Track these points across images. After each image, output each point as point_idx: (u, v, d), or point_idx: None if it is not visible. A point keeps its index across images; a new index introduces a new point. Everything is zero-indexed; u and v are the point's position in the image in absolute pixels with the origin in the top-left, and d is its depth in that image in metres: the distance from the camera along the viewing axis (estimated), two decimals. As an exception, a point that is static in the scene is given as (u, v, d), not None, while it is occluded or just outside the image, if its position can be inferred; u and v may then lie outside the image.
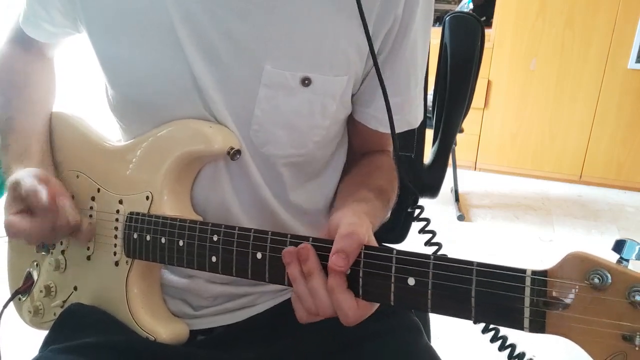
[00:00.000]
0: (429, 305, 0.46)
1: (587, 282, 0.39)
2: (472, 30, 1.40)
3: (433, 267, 0.45)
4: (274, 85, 0.60)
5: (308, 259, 0.50)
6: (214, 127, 0.62)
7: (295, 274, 0.51)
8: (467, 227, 2.58)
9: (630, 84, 2.82)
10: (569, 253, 0.40)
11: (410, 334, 0.67)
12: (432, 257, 0.46)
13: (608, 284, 0.38)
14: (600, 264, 0.39)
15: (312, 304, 0.50)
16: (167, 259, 0.62)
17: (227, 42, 0.59)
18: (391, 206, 0.67)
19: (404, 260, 0.47)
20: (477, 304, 0.43)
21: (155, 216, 0.63)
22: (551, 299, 0.40)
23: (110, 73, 0.66)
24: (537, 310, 0.41)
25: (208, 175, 0.65)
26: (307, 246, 0.50)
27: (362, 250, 0.49)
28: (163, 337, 0.65)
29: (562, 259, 0.41)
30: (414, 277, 0.46)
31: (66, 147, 0.76)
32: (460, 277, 0.44)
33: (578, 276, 0.40)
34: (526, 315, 0.41)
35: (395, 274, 0.47)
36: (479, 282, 0.43)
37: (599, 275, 0.39)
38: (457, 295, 0.44)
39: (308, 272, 0.50)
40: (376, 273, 0.48)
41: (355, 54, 0.62)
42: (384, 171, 0.70)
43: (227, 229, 0.57)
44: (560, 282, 0.40)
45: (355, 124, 0.71)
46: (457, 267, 0.44)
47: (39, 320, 0.76)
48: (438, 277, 0.45)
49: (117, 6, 0.61)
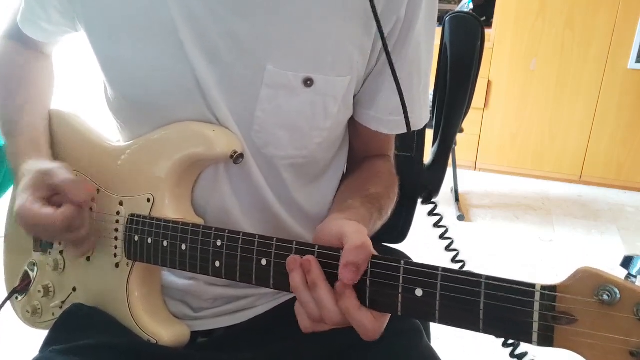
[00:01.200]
0: (436, 317, 0.46)
1: (596, 298, 0.39)
2: (472, 30, 1.40)
3: (441, 279, 0.45)
4: (276, 86, 0.60)
5: (310, 271, 0.50)
6: (217, 130, 0.61)
7: (297, 283, 0.50)
8: (467, 227, 2.58)
9: (630, 84, 2.82)
10: (579, 268, 0.41)
11: (411, 335, 0.67)
12: (440, 268, 0.46)
13: (617, 300, 0.39)
14: (610, 280, 0.39)
15: (318, 313, 0.50)
16: (169, 263, 0.62)
17: (229, 42, 0.59)
18: (385, 214, 0.67)
19: (412, 271, 0.47)
20: (485, 317, 0.43)
21: (157, 219, 0.62)
22: (560, 314, 0.41)
23: (110, 72, 0.66)
24: (545, 324, 0.41)
25: (208, 177, 0.65)
26: (310, 259, 0.50)
27: (370, 260, 0.49)
28: (165, 339, 0.65)
29: (571, 274, 0.41)
30: (421, 288, 0.46)
31: (65, 145, 0.75)
32: (469, 289, 0.44)
33: (587, 292, 0.40)
34: (535, 329, 0.42)
35: (403, 285, 0.47)
36: (487, 295, 0.43)
37: (608, 292, 0.39)
38: (465, 307, 0.44)
39: (312, 283, 0.50)
40: (384, 283, 0.48)
41: (358, 55, 0.62)
42: (382, 178, 0.70)
43: (230, 234, 0.57)
44: (569, 298, 0.40)
45: (357, 126, 0.71)
46: (465, 279, 0.44)
47: (36, 319, 0.76)
48: (446, 289, 0.45)
49: (118, 6, 0.61)
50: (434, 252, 1.39)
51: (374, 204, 0.64)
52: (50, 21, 0.70)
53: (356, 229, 0.51)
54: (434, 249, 1.19)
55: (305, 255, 0.51)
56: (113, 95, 0.67)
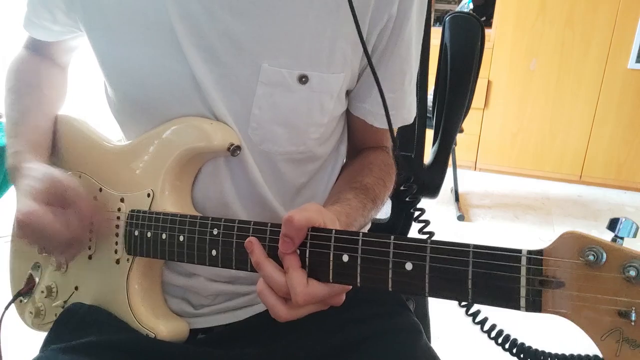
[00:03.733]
0: (426, 290, 0.46)
1: (582, 260, 0.39)
2: (472, 30, 1.40)
3: (430, 251, 0.45)
4: (272, 83, 0.61)
5: (253, 252, 0.52)
6: (214, 124, 0.62)
7: (254, 263, 0.52)
8: (467, 227, 2.59)
9: (630, 84, 2.82)
10: (564, 232, 0.41)
11: (410, 335, 0.67)
12: (429, 241, 0.46)
13: (603, 261, 0.39)
14: (595, 241, 0.39)
15: (274, 288, 0.51)
16: (167, 255, 0.62)
17: (225, 41, 0.60)
18: (381, 202, 0.68)
19: (401, 246, 0.47)
20: (474, 286, 0.43)
21: (156, 213, 0.63)
22: (547, 278, 0.41)
23: (109, 72, 0.66)
24: (533, 289, 0.41)
25: (208, 172, 0.66)
26: (252, 239, 0.53)
27: (360, 237, 0.49)
28: (163, 334, 0.65)
29: (557, 238, 0.41)
30: (411, 262, 0.46)
31: (69, 148, 0.76)
32: (457, 259, 0.44)
33: (573, 254, 0.40)
34: (522, 294, 0.42)
35: (393, 259, 0.47)
36: (475, 263, 0.43)
37: (593, 252, 0.39)
38: (454, 277, 0.44)
39: (255, 264, 0.52)
40: (374, 259, 0.48)
41: (352, 52, 0.63)
42: (374, 169, 0.71)
43: (227, 222, 0.57)
44: (555, 260, 0.40)
45: (353, 119, 0.72)
46: (453, 249, 0.44)
47: (40, 321, 0.76)
48: (435, 261, 0.45)
49: (116, 5, 0.62)
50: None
51: (367, 194, 0.65)
52: (55, 21, 0.71)
53: (305, 206, 0.52)
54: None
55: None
56: (112, 93, 0.68)
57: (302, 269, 0.50)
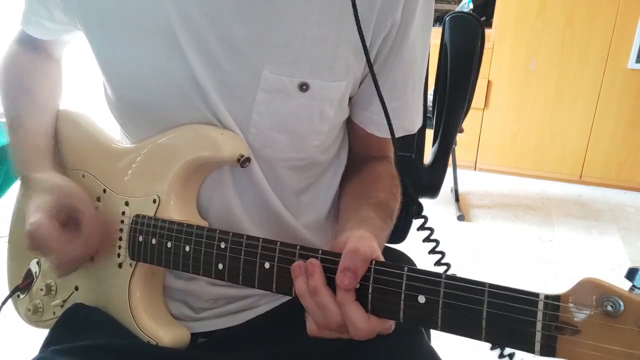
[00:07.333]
0: (438, 324, 0.45)
1: (599, 309, 0.39)
2: (472, 30, 1.41)
3: (444, 286, 0.45)
4: (272, 91, 0.60)
5: (313, 274, 0.50)
6: (225, 133, 0.61)
7: (302, 288, 0.50)
8: (467, 227, 2.58)
9: (630, 84, 2.82)
10: (583, 279, 0.40)
11: (411, 335, 0.67)
12: (443, 275, 0.45)
13: (620, 311, 0.38)
14: (614, 291, 0.39)
15: (322, 318, 0.50)
16: (172, 264, 0.62)
17: (226, 47, 0.59)
18: (395, 217, 0.67)
19: (415, 278, 0.46)
20: (487, 326, 0.43)
21: (162, 220, 0.62)
22: (563, 324, 0.41)
23: (109, 73, 0.66)
24: (548, 335, 0.41)
25: (212, 178, 0.65)
26: (314, 262, 0.50)
27: (372, 265, 0.49)
28: (165, 341, 0.65)
29: (575, 284, 0.41)
30: (424, 295, 0.46)
31: (72, 145, 0.75)
32: (472, 297, 0.44)
33: (591, 302, 0.40)
34: (537, 339, 0.41)
35: (406, 291, 0.47)
36: (490, 303, 0.43)
37: (612, 303, 0.39)
38: (468, 315, 0.44)
39: (313, 288, 0.50)
40: (386, 289, 0.48)
41: (354, 59, 0.62)
42: (384, 181, 0.69)
43: (234, 237, 0.57)
44: (572, 308, 0.40)
45: (355, 127, 0.71)
46: (469, 287, 0.44)
47: (37, 318, 0.76)
48: (449, 297, 0.45)
49: (115, 7, 0.61)
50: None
51: (385, 211, 0.64)
52: (53, 20, 0.70)
53: (359, 234, 0.51)
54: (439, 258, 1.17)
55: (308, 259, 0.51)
56: (113, 95, 0.67)
57: (357, 302, 0.49)
